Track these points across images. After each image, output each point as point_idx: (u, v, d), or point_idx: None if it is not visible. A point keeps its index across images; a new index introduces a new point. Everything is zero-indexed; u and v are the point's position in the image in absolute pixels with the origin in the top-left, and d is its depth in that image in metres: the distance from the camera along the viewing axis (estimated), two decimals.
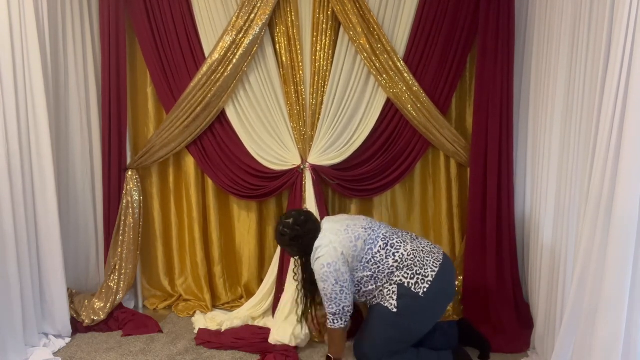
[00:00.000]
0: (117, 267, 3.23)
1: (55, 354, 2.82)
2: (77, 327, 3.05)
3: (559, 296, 2.38)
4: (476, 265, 2.99)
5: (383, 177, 3.18)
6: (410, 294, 2.43)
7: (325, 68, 3.06)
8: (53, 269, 2.87)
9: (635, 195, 1.69)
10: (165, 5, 3.11)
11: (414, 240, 2.59)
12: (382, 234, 2.54)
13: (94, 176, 3.26)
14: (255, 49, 3.03)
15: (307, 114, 3.12)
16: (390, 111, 3.09)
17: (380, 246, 2.50)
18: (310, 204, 3.06)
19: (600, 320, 1.80)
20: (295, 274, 2.82)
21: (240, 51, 3.00)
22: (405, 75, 2.98)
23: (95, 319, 3.08)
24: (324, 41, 3.04)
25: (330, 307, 2.48)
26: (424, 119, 3.01)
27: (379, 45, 2.95)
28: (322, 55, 3.05)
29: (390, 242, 2.52)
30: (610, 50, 1.79)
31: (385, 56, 2.96)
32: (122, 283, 3.21)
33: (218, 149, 3.25)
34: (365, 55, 2.97)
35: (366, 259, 2.49)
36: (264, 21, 2.97)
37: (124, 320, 3.13)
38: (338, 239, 2.48)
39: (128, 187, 3.24)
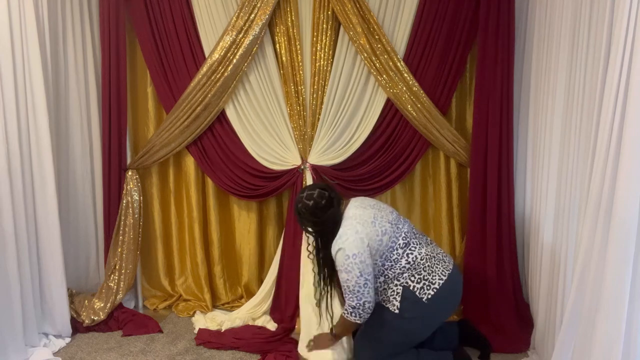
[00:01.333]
0: (117, 267, 3.23)
1: (55, 354, 2.82)
2: (77, 327, 3.05)
3: (559, 296, 2.38)
4: (476, 265, 2.99)
5: (383, 177, 3.18)
6: (413, 298, 2.41)
7: (325, 68, 3.05)
8: (53, 269, 2.87)
9: (635, 195, 1.69)
10: (165, 6, 3.11)
11: (429, 245, 2.56)
12: (404, 233, 2.49)
13: (94, 176, 3.26)
14: (255, 49, 3.03)
15: (307, 113, 3.12)
16: (390, 111, 3.09)
17: (400, 245, 2.46)
18: None
19: (600, 320, 1.80)
20: (311, 253, 2.69)
21: (240, 51, 3.00)
22: (405, 75, 2.97)
23: (95, 319, 3.08)
24: (324, 41, 3.04)
25: (351, 299, 2.40)
26: (424, 119, 3.01)
27: (379, 46, 2.95)
28: (322, 55, 3.04)
29: (409, 242, 2.49)
30: (610, 50, 1.79)
31: (385, 56, 2.96)
32: (122, 283, 3.21)
33: (218, 149, 3.24)
34: (365, 55, 2.97)
35: (386, 255, 2.45)
36: (264, 21, 2.97)
37: (124, 320, 3.13)
38: (365, 230, 2.39)
39: (128, 187, 3.24)
